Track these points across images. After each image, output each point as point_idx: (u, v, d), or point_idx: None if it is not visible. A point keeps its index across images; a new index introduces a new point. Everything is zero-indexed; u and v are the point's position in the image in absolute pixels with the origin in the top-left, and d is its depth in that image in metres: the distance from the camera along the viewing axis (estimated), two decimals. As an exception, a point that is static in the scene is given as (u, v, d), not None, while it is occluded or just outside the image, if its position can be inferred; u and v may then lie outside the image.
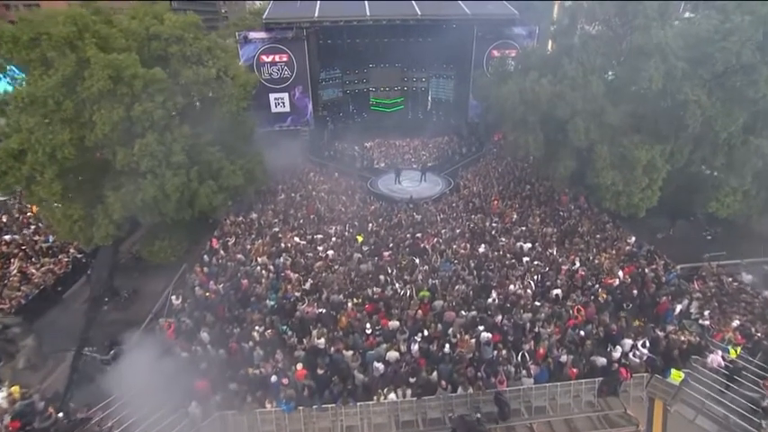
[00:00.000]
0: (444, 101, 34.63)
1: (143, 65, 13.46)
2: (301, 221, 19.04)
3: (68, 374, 10.60)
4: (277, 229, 18.26)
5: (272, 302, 13.78)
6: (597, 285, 14.12)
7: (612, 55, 15.46)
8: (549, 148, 16.47)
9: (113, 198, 13.43)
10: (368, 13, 26.93)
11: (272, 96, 29.94)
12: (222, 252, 16.87)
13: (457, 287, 13.92)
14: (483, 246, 16.27)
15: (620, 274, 14.64)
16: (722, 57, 12.25)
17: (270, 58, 28.68)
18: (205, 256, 16.44)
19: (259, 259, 16.30)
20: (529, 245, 16.40)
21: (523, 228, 17.78)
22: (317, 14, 26.94)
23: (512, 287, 13.84)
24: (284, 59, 28.70)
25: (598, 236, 17.25)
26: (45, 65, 12.02)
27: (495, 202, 19.91)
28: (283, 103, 30.21)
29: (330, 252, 16.41)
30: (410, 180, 23.17)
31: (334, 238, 17.31)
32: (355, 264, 15.48)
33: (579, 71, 15.05)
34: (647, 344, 11.50)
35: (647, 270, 15.02)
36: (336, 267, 15.46)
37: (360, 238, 17.28)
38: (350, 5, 28.39)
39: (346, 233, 17.93)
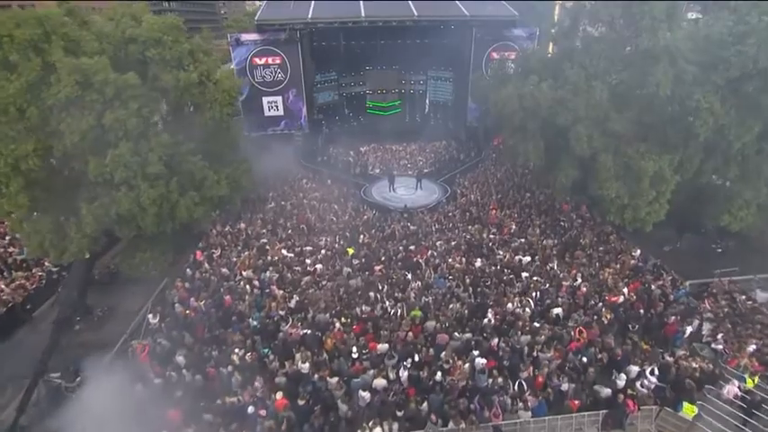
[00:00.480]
0: (443, 104, 33.79)
1: (119, 69, 12.65)
2: (290, 232, 18.21)
3: (18, 405, 9.74)
4: (265, 241, 17.45)
5: (255, 322, 12.98)
6: (600, 303, 13.26)
7: (617, 58, 14.58)
8: (550, 156, 15.61)
9: (86, 211, 12.61)
10: (363, 14, 26.11)
11: (264, 100, 29.20)
12: (206, 265, 16.10)
13: (451, 306, 13.07)
14: (479, 260, 15.41)
15: (625, 290, 13.78)
16: (738, 61, 11.37)
17: (263, 61, 27.93)
18: (188, 270, 15.66)
19: (244, 273, 15.51)
20: (528, 258, 15.55)
21: (522, 239, 16.91)
22: (310, 15, 26.13)
23: (509, 306, 12.99)
24: (277, 62, 27.94)
25: (601, 248, 16.38)
26: (7, 69, 11.22)
27: (494, 211, 19.05)
28: (277, 106, 29.46)
29: (319, 266, 15.59)
30: (405, 187, 22.30)
31: (323, 251, 16.48)
32: (344, 279, 14.65)
33: (581, 76, 14.19)
34: (656, 371, 10.62)
35: (653, 287, 14.16)
36: (324, 283, 14.64)
37: (350, 251, 16.45)
38: (344, 6, 27.60)
39: (336, 245, 17.10)
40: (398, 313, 12.79)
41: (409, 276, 14.75)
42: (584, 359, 11.09)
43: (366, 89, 34.99)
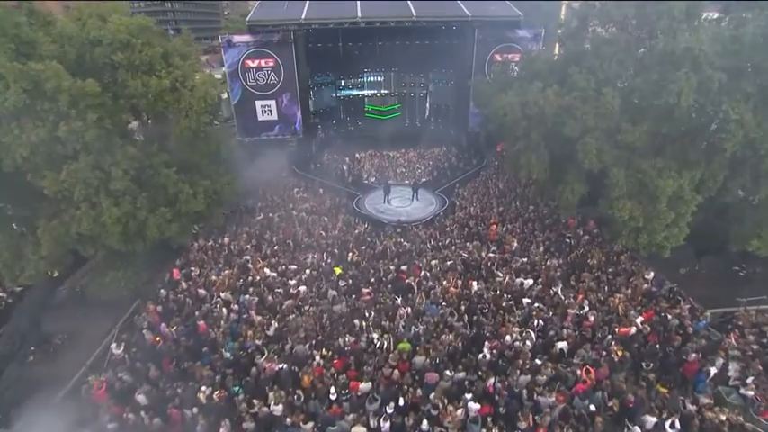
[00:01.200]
0: (444, 108, 32.50)
1: (83, 75, 11.54)
2: (276, 248, 17.01)
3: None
4: (248, 258, 16.27)
5: (228, 353, 11.79)
6: (610, 336, 11.88)
7: (630, 63, 13.20)
8: (555, 169, 14.25)
9: (42, 230, 11.51)
10: (359, 15, 24.87)
11: (258, 104, 28.13)
12: (183, 284, 14.95)
13: (443, 337, 11.78)
14: (477, 282, 14.09)
15: (638, 320, 12.39)
16: (772, 66, 9.98)
17: (255, 63, 26.83)
18: (162, 290, 14.51)
19: (222, 295, 14.34)
20: (530, 281, 14.20)
21: (525, 259, 15.56)
22: (303, 16, 24.94)
23: (508, 338, 11.68)
24: (270, 64, 26.82)
25: (610, 270, 14.99)
26: (-52, 75, 10.14)
27: (494, 226, 17.70)
28: (270, 110, 28.35)
29: (302, 288, 14.37)
30: (401, 198, 21.01)
31: (308, 271, 15.24)
32: (329, 304, 13.41)
33: (590, 81, 12.82)
34: (677, 424, 9.24)
35: (669, 316, 12.74)
36: (307, 308, 13.42)
37: (338, 271, 15.21)
38: (340, 6, 26.39)
39: (324, 263, 15.88)
40: (385, 346, 11.53)
41: (399, 301, 13.48)
42: (592, 406, 9.74)
43: (364, 92, 33.80)
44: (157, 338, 12.59)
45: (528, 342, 11.56)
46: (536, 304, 12.99)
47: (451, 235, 17.37)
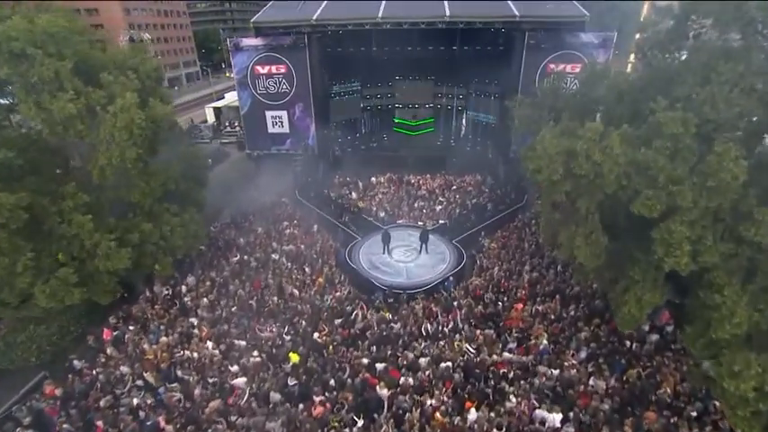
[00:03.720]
0: (484, 125, 27.52)
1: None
2: (234, 309, 13.64)
3: None
4: (195, 321, 13.09)
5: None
6: None
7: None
8: (615, 256, 9.31)
9: None
10: (380, 15, 20.84)
11: (268, 114, 25.30)
12: (110, 351, 12.07)
13: None
14: (477, 409, 9.62)
15: None
16: None
17: (266, 70, 23.92)
18: (75, 362, 11.69)
19: (146, 375, 11.23)
20: (557, 417, 9.45)
21: (555, 371, 10.72)
22: (315, 17, 21.39)
23: None
24: (282, 71, 23.75)
25: (690, 410, 9.73)
26: None
27: (520, 306, 12.95)
28: (281, 122, 25.38)
29: (241, 381, 10.83)
30: (406, 249, 16.70)
31: (255, 354, 11.66)
32: (262, 420, 9.70)
33: (689, 124, 7.83)
34: None
35: None
36: (234, 419, 9.83)
37: (294, 358, 11.48)
38: (361, 6, 22.55)
39: (280, 341, 12.25)
40: None
41: (360, 424, 9.46)
42: None
43: (395, 102, 29.74)
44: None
45: None
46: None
47: (459, 315, 12.84)
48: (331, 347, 11.94)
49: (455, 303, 13.41)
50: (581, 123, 13.00)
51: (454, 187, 22.55)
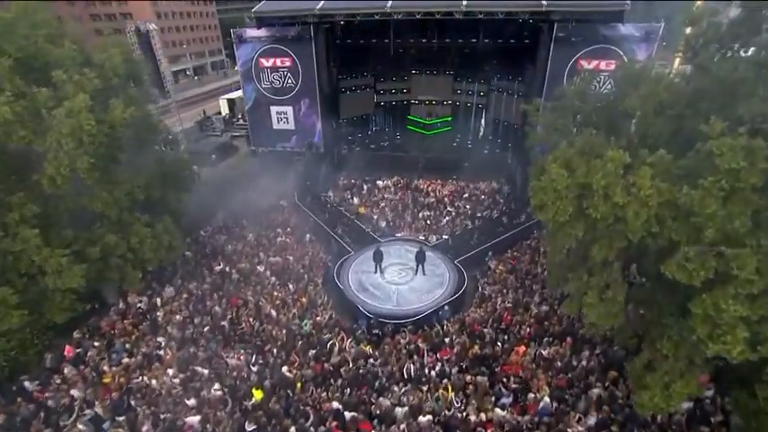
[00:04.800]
0: (505, 126, 25.19)
1: None
2: (204, 330, 12.56)
3: None
4: (163, 341, 12.11)
5: None
6: None
7: None
8: (637, 321, 7.35)
9: None
10: (388, 5, 18.93)
11: (273, 110, 24.06)
12: (67, 371, 11.26)
13: None
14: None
15: None
16: None
17: (270, 63, 22.61)
18: (26, 383, 10.93)
19: (97, 404, 10.32)
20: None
21: (557, 439, 8.93)
22: (320, 6, 19.73)
23: None
24: (287, 64, 22.38)
25: None
26: None
27: (521, 350, 11.12)
28: (286, 118, 24.12)
29: (195, 420, 9.71)
30: (401, 268, 15.02)
31: (217, 385, 10.49)
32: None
33: (758, 152, 5.76)
34: None
35: None
36: (177, 468, 8.73)
37: (257, 396, 10.26)
38: (371, -7, 20.65)
39: (247, 371, 11.04)
40: None
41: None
42: None
43: (410, 98, 27.82)
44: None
45: None
46: None
47: (449, 355, 11.16)
48: (299, 384, 10.62)
49: (446, 340, 11.72)
50: (607, 138, 10.87)
51: (466, 195, 20.61)
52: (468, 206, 19.31)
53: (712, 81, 8.34)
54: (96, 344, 12.23)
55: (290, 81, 22.82)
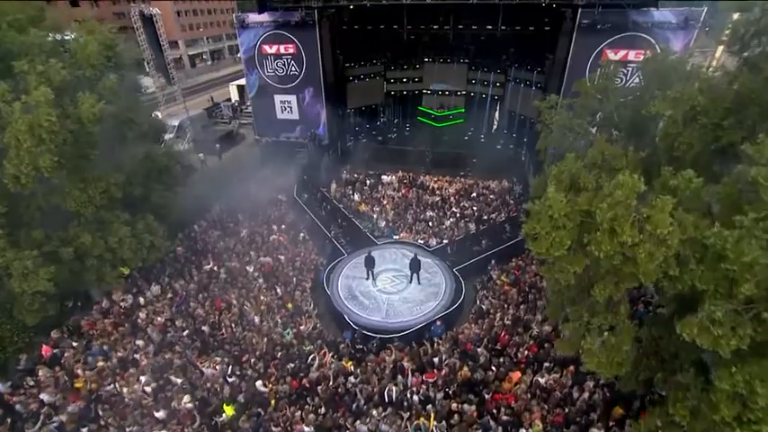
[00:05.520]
0: (522, 120, 23.55)
1: None
2: (185, 334, 12.05)
3: None
4: (140, 345, 11.67)
5: None
6: None
7: None
8: (645, 371, 6.20)
9: None
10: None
11: (277, 99, 23.20)
12: (42, 373, 10.96)
13: None
14: None
15: None
16: None
17: (273, 49, 21.66)
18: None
19: (69, 409, 9.98)
20: None
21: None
22: (324, -11, 18.52)
23: None
24: (291, 51, 21.38)
25: None
26: None
27: (516, 376, 10.10)
28: (290, 108, 23.23)
29: (158, 437, 9.22)
30: (395, 274, 14.05)
31: (187, 398, 9.95)
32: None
33: None
34: None
35: None
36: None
37: (228, 412, 9.67)
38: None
39: (220, 383, 10.46)
40: None
41: None
42: None
43: (422, 88, 26.40)
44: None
45: None
46: None
47: (435, 378, 10.23)
48: (273, 401, 9.96)
49: (435, 360, 10.79)
50: (628, 144, 9.52)
51: (474, 194, 19.33)
52: (475, 207, 18.05)
53: (764, 84, 6.81)
54: (75, 344, 11.94)
55: (293, 69, 21.83)
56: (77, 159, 10.06)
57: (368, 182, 20.69)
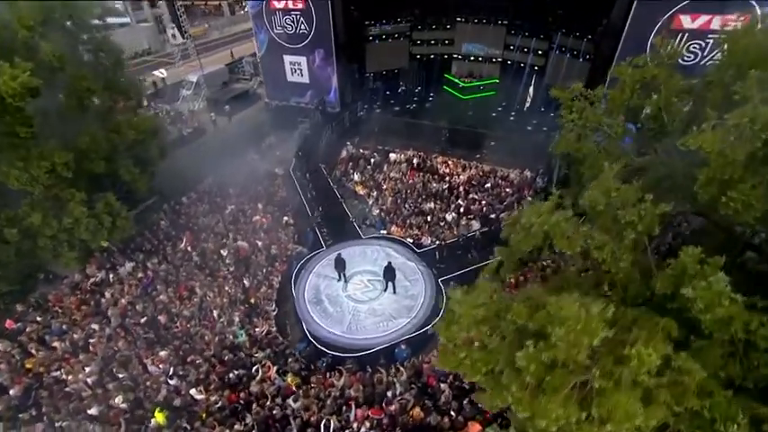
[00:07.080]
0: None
1: None
2: (143, 321, 11.56)
3: None
4: (95, 328, 11.36)
5: None
6: None
7: None
8: None
9: None
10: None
11: (286, 60, 21.35)
12: (1, 347, 11.03)
13: None
14: None
15: None
16: None
17: (281, 4, 19.59)
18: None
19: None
20: None
21: None
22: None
23: None
24: (299, 6, 19.14)
25: None
26: None
27: (474, 429, 8.53)
28: (300, 70, 21.36)
29: (85, 437, 8.87)
30: (371, 277, 12.42)
31: (121, 398, 9.48)
32: None
33: None
34: None
35: None
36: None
37: (159, 419, 9.10)
38: None
39: (159, 383, 9.89)
40: None
41: None
42: None
43: (452, 52, 23.21)
44: None
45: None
46: None
47: (381, 416, 8.91)
48: (204, 415, 9.23)
49: (389, 393, 9.43)
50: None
51: (488, 184, 16.88)
52: (484, 201, 15.74)
53: None
54: (39, 318, 11.89)
55: (302, 27, 19.64)
56: (7, 137, 9.17)
57: (372, 160, 18.76)
